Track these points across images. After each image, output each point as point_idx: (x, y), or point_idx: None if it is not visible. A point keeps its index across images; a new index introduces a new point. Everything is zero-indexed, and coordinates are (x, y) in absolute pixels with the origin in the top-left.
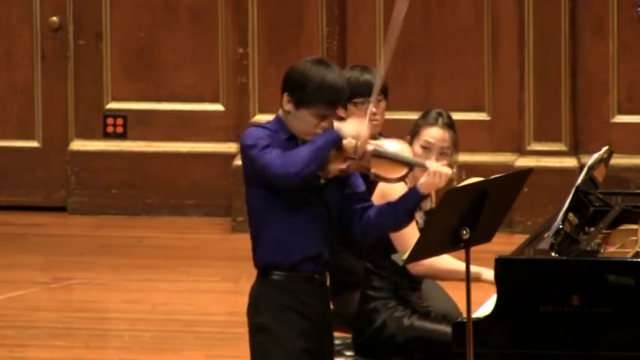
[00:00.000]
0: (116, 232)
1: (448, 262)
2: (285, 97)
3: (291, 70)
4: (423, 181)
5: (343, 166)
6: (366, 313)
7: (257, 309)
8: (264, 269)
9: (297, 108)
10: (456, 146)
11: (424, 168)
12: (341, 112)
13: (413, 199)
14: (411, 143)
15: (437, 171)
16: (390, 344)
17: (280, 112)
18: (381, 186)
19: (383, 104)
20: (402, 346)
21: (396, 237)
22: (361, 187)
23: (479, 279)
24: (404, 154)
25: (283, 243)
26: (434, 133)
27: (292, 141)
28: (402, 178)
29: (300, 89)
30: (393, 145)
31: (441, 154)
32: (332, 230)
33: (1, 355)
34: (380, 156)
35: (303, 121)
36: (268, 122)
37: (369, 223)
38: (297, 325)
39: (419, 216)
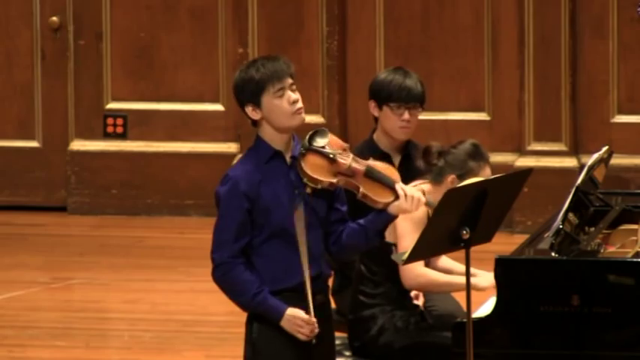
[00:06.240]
0: (116, 232)
1: (443, 275)
2: (249, 110)
3: (234, 88)
4: (397, 204)
5: (334, 180)
6: (362, 321)
7: (252, 327)
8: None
9: (260, 106)
10: None
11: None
12: (375, 111)
13: (383, 220)
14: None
15: (412, 196)
16: (387, 351)
17: (257, 132)
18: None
19: (418, 112)
20: (399, 353)
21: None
22: (344, 206)
23: (476, 289)
24: (395, 181)
25: (284, 268)
26: (488, 173)
27: (277, 157)
28: (388, 204)
29: (248, 91)
30: (383, 168)
31: None
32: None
33: (1, 355)
34: (371, 178)
35: (275, 110)
36: (244, 158)
37: (342, 244)
38: (291, 346)
39: None
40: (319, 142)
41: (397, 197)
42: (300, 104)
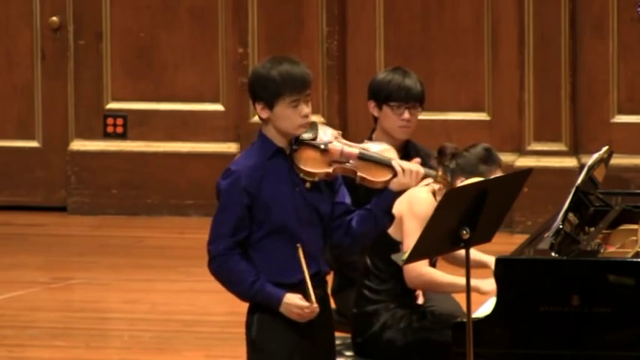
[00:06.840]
0: (116, 232)
1: (445, 275)
2: (259, 107)
3: (251, 79)
4: (397, 180)
5: (329, 169)
6: (365, 316)
7: (251, 325)
8: None
9: (271, 109)
10: None
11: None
12: (374, 111)
13: (387, 198)
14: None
15: (410, 169)
16: (389, 348)
17: (261, 127)
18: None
19: (418, 112)
20: (401, 350)
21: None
22: (347, 198)
23: (479, 292)
24: (390, 157)
25: (282, 264)
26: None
27: (279, 154)
28: (387, 182)
29: (264, 90)
30: (378, 148)
31: None
32: (326, 241)
33: (1, 355)
34: (366, 159)
35: (285, 118)
36: (247, 152)
37: (354, 233)
38: (290, 343)
39: None
40: (308, 134)
41: (395, 174)
42: (309, 118)
